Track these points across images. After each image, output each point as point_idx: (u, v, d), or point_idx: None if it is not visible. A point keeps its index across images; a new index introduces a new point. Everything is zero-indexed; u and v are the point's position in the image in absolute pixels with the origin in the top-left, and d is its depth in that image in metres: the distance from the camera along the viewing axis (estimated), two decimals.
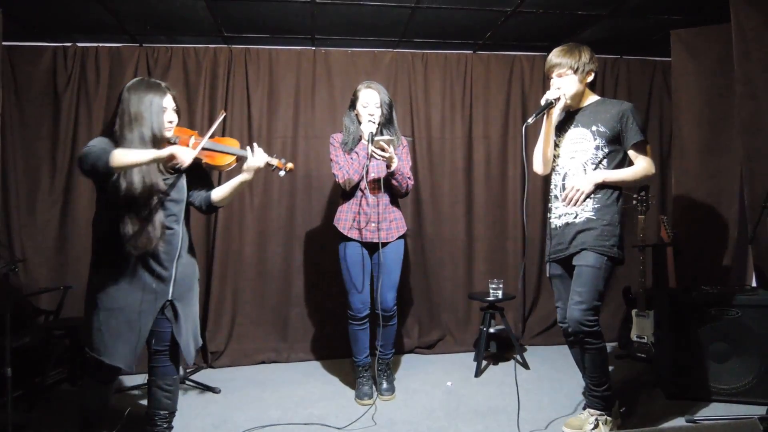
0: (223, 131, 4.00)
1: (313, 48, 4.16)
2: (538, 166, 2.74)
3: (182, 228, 2.45)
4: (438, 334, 4.26)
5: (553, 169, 2.72)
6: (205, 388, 3.43)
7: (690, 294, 3.13)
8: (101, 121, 3.88)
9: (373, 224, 3.10)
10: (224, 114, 2.45)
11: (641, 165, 2.54)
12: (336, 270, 4.07)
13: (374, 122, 3.04)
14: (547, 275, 2.78)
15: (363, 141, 3.04)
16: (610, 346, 4.14)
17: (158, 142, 2.31)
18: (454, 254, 4.32)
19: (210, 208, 2.55)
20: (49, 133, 3.86)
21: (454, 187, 4.32)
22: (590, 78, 2.62)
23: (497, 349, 3.95)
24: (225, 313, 4.02)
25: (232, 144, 2.59)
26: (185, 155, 2.22)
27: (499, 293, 3.80)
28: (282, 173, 2.66)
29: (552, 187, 2.72)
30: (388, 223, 3.14)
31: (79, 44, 3.88)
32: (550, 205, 2.73)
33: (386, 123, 3.14)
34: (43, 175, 3.84)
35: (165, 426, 2.51)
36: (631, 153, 2.57)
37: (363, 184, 3.08)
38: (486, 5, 3.44)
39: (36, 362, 3.19)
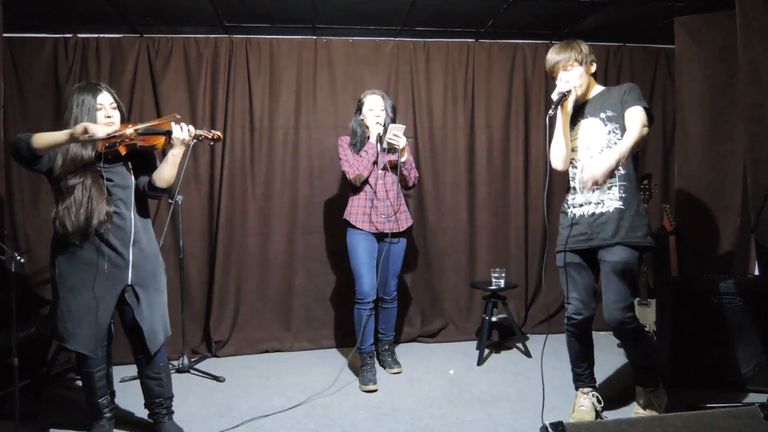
0: (225, 121, 4.01)
1: (314, 37, 4.14)
2: (557, 162, 2.65)
3: (134, 214, 2.49)
4: (440, 323, 4.28)
5: (570, 163, 2.67)
6: (210, 377, 3.46)
7: (692, 282, 3.13)
8: None
9: (383, 216, 3.33)
10: (178, 116, 2.53)
11: (631, 130, 2.44)
12: (338, 259, 4.11)
13: (381, 123, 3.30)
14: (560, 264, 2.66)
15: (371, 141, 3.28)
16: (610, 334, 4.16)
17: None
18: (457, 243, 4.33)
19: (152, 188, 2.52)
20: (52, 125, 3.82)
21: (456, 177, 4.31)
22: (593, 68, 2.63)
23: (499, 337, 3.98)
24: (228, 302, 4.05)
25: (164, 125, 2.59)
26: (97, 128, 2.25)
27: (502, 282, 3.81)
28: (211, 143, 2.85)
29: (570, 178, 2.69)
30: (399, 215, 3.37)
31: (79, 35, 3.88)
32: (567, 195, 2.69)
33: (390, 122, 3.36)
34: None
35: (164, 412, 2.56)
36: (627, 115, 2.48)
37: (372, 180, 3.32)
38: None
39: (42, 352, 3.22)
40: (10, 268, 2.39)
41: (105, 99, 2.44)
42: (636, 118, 2.46)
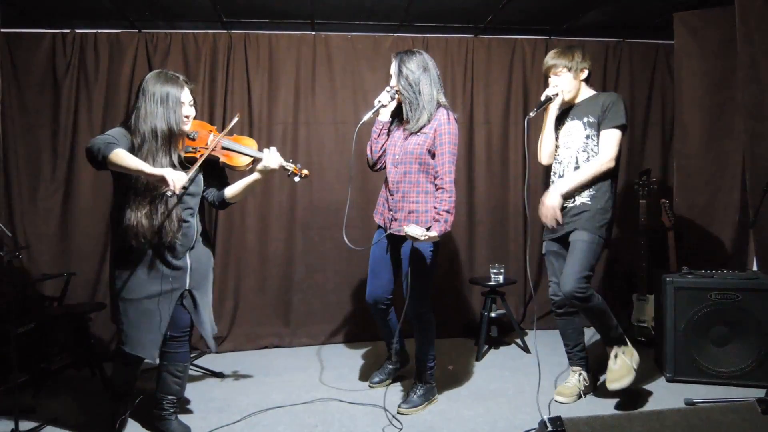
0: (223, 117, 4.00)
1: (313, 33, 4.13)
2: (544, 157, 3.02)
3: (196, 220, 2.49)
4: (439, 319, 4.27)
5: (555, 159, 2.99)
6: (209, 372, 3.46)
7: (690, 278, 3.14)
8: (101, 108, 3.88)
9: (392, 212, 2.87)
10: (239, 116, 2.49)
11: (597, 161, 2.76)
12: (337, 256, 4.10)
13: (388, 92, 2.82)
14: (543, 252, 3.06)
15: (378, 119, 2.93)
16: None
17: (173, 135, 2.33)
18: (456, 239, 4.33)
19: (222, 204, 2.59)
20: (50, 120, 3.86)
21: (456, 172, 4.29)
22: (584, 75, 2.88)
23: (498, 333, 3.98)
24: (228, 298, 4.05)
25: (249, 144, 2.61)
26: (176, 181, 2.15)
27: (500, 278, 3.82)
28: (297, 179, 2.70)
29: (552, 173, 3.00)
30: (405, 214, 2.80)
31: (77, 31, 3.86)
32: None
33: (407, 93, 2.78)
34: (44, 163, 3.84)
35: (172, 410, 2.56)
36: (602, 136, 2.77)
37: (388, 168, 2.91)
38: None
39: (41, 348, 3.22)
40: (8, 264, 2.39)
41: (186, 96, 2.39)
42: (608, 145, 2.75)
